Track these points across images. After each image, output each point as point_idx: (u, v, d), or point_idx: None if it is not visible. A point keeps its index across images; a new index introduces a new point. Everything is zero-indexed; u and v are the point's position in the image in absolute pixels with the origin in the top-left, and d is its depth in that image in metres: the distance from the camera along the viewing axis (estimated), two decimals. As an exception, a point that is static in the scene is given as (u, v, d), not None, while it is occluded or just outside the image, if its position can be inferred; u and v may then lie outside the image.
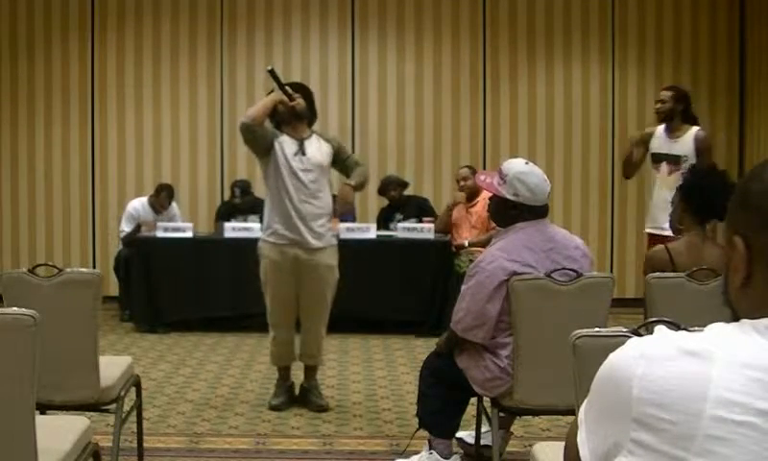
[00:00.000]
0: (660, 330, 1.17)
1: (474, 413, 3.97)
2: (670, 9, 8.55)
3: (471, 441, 4.06)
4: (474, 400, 3.82)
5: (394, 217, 7.72)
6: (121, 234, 7.73)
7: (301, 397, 5.00)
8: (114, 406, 3.52)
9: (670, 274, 3.59)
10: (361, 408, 4.99)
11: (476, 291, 3.48)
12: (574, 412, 1.43)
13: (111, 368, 3.60)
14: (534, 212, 3.56)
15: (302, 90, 5.01)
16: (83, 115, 8.58)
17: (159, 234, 7.32)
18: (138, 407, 3.87)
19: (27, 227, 8.63)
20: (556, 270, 3.44)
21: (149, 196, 7.87)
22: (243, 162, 8.46)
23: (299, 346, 5.02)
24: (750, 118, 8.40)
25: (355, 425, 4.66)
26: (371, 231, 7.23)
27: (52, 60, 8.56)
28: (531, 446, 3.06)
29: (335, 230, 5.43)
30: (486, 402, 3.75)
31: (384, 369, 5.96)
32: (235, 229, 7.23)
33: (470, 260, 5.91)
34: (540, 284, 3.43)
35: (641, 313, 3.82)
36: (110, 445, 3.48)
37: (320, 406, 4.89)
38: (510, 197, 3.54)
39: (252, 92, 8.54)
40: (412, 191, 8.13)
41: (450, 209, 7.58)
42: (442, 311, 6.62)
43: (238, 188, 7.98)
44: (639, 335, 1.36)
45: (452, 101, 8.58)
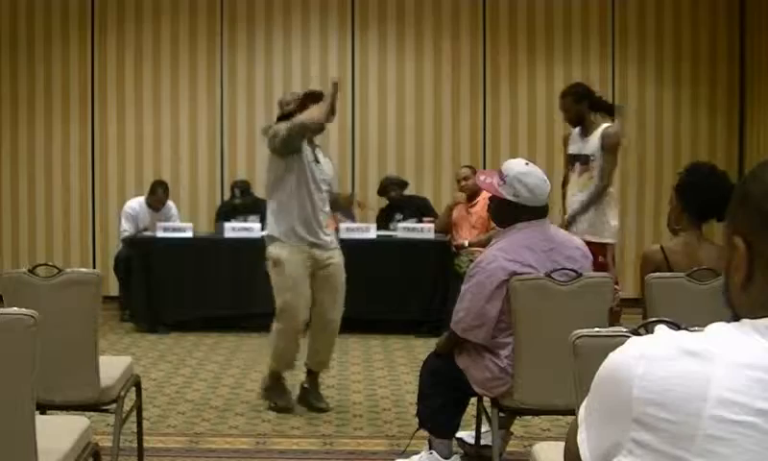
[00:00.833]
0: (661, 330, 1.17)
1: (474, 413, 3.98)
2: (670, 9, 8.55)
3: (471, 441, 4.06)
4: (474, 400, 3.82)
5: (394, 217, 7.72)
6: (123, 234, 7.73)
7: (302, 397, 5.00)
8: (114, 406, 3.52)
9: (669, 273, 3.59)
10: (361, 408, 4.99)
11: (476, 291, 3.48)
12: (574, 412, 1.43)
13: (111, 368, 3.60)
14: (534, 213, 3.56)
15: (317, 97, 5.00)
16: (83, 115, 8.58)
17: (159, 234, 7.32)
18: (138, 407, 3.87)
19: (27, 227, 8.63)
20: (556, 270, 3.45)
21: (146, 196, 7.87)
22: (243, 162, 8.47)
23: (306, 349, 5.00)
24: (750, 118, 8.40)
25: (355, 425, 4.66)
26: (371, 231, 7.24)
27: (52, 60, 8.55)
28: (531, 446, 3.06)
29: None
30: (486, 402, 3.75)
31: (384, 369, 5.96)
32: (235, 229, 7.23)
33: (470, 260, 5.91)
34: (540, 284, 3.43)
35: (641, 313, 3.82)
36: (110, 445, 3.48)
37: (320, 409, 4.89)
38: (510, 197, 3.54)
39: (253, 92, 8.55)
40: (412, 191, 8.13)
41: (450, 209, 7.58)
42: (442, 311, 6.61)
43: (238, 188, 7.98)
44: (639, 335, 1.36)
45: (452, 101, 8.58)
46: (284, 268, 4.81)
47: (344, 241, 7.13)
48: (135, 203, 7.88)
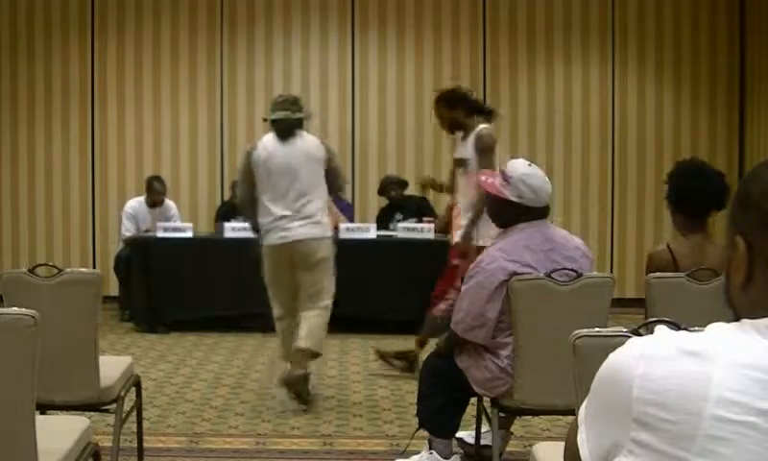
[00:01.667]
0: (661, 330, 1.17)
1: (474, 413, 3.97)
2: (670, 9, 8.55)
3: (471, 441, 4.06)
4: (474, 400, 3.82)
5: (393, 217, 7.72)
6: (126, 234, 7.73)
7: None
8: (114, 406, 3.52)
9: (670, 273, 3.59)
10: (361, 408, 4.99)
11: (476, 291, 3.48)
12: (574, 412, 1.43)
13: (111, 368, 3.60)
14: (535, 213, 3.56)
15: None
16: (83, 115, 8.58)
17: (159, 234, 7.32)
18: (138, 407, 3.87)
19: (27, 227, 8.63)
20: (556, 270, 3.44)
21: (145, 196, 7.88)
22: (243, 162, 8.46)
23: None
24: (750, 118, 8.40)
25: (355, 425, 4.65)
26: (371, 231, 7.24)
27: (52, 60, 8.56)
28: (531, 446, 3.06)
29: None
30: (486, 402, 3.75)
31: (383, 369, 5.96)
32: (235, 229, 7.23)
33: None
34: (540, 284, 3.43)
35: (641, 313, 3.82)
36: (110, 445, 3.47)
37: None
38: (514, 199, 3.54)
39: (252, 92, 8.55)
40: (412, 191, 8.12)
41: (451, 209, 7.57)
42: (442, 311, 6.60)
43: (238, 188, 7.97)
44: (639, 335, 1.36)
45: (452, 101, 8.57)
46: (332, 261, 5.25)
47: (344, 241, 7.17)
48: (135, 202, 7.88)
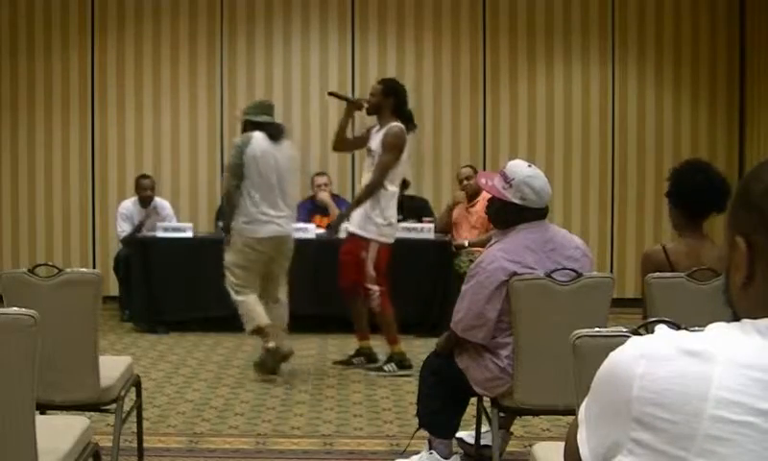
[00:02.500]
0: (661, 330, 1.17)
1: (474, 413, 3.97)
2: (670, 9, 8.55)
3: (471, 441, 4.06)
4: (474, 400, 3.82)
5: (394, 217, 7.71)
6: (122, 235, 7.73)
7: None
8: (114, 406, 3.52)
9: (670, 273, 3.59)
10: (361, 408, 4.99)
11: (476, 291, 3.48)
12: (574, 412, 1.43)
13: (111, 368, 3.60)
14: (535, 214, 3.57)
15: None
16: (83, 115, 8.58)
17: (159, 234, 7.31)
18: (138, 407, 3.87)
19: (27, 227, 8.63)
20: (556, 270, 3.44)
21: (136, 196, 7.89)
22: (243, 162, 8.45)
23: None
24: (750, 118, 8.40)
25: (355, 425, 4.66)
26: (371, 231, 7.22)
27: (52, 60, 8.56)
28: (531, 446, 3.06)
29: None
30: (486, 402, 3.75)
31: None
32: (235, 229, 7.22)
33: (470, 260, 5.91)
34: (540, 284, 3.43)
35: (641, 313, 3.82)
36: (110, 445, 3.48)
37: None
38: (517, 201, 3.53)
39: (253, 92, 8.54)
40: (412, 191, 8.12)
41: (451, 209, 7.58)
42: (442, 311, 6.61)
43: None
44: (639, 335, 1.36)
45: (452, 101, 8.58)
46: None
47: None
48: (129, 202, 7.89)
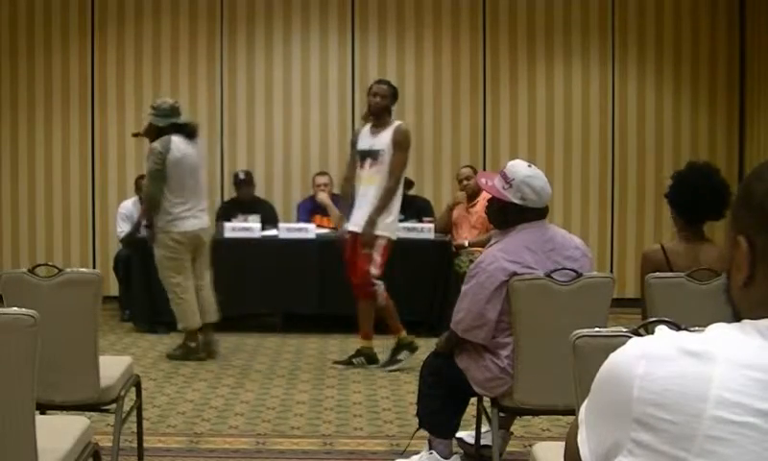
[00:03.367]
0: (661, 330, 1.17)
1: (474, 413, 3.97)
2: (670, 9, 8.55)
3: (471, 441, 4.06)
4: (474, 400, 3.82)
5: (395, 216, 7.70)
6: (121, 235, 7.72)
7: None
8: (114, 406, 3.52)
9: (670, 274, 3.59)
10: (361, 408, 4.99)
11: (476, 292, 3.48)
12: (574, 412, 1.44)
13: (111, 368, 3.60)
14: (536, 214, 3.57)
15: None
16: (83, 115, 8.57)
17: (159, 234, 7.30)
18: (138, 407, 3.87)
19: (27, 227, 8.62)
20: (556, 270, 3.45)
21: (136, 196, 7.87)
22: (243, 162, 8.46)
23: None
24: (750, 118, 8.39)
25: (355, 425, 4.66)
26: (371, 231, 7.22)
27: (52, 60, 8.55)
28: (531, 446, 3.06)
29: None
30: (486, 402, 3.75)
31: (384, 369, 5.96)
32: (235, 229, 7.23)
33: (470, 260, 5.91)
34: (540, 284, 3.43)
35: (641, 313, 3.82)
36: (110, 445, 3.48)
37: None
38: (517, 201, 3.53)
39: (252, 92, 8.55)
40: (412, 191, 8.12)
41: (451, 209, 7.58)
42: (442, 311, 6.61)
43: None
44: (639, 335, 1.36)
45: (452, 101, 8.58)
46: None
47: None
48: (129, 202, 7.88)
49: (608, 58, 8.55)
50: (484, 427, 3.94)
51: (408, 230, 7.18)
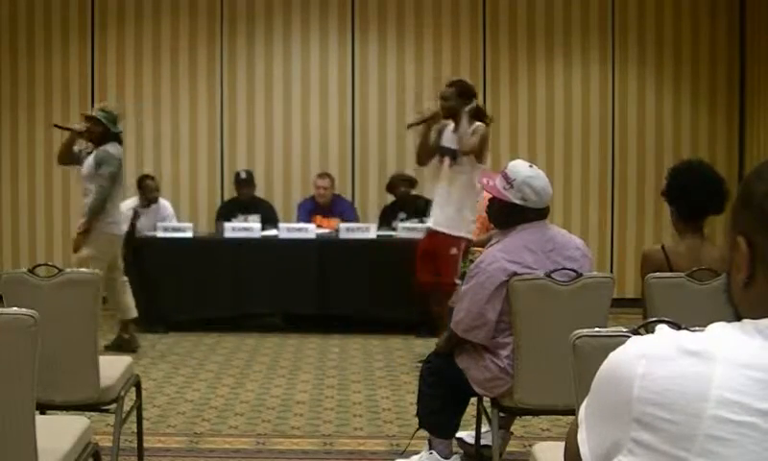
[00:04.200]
0: (661, 330, 1.17)
1: (474, 413, 3.97)
2: (670, 9, 8.55)
3: (471, 441, 4.06)
4: (474, 400, 3.82)
5: (397, 215, 7.71)
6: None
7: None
8: (114, 406, 3.52)
9: (670, 273, 3.59)
10: (361, 408, 4.99)
11: (476, 292, 3.48)
12: (574, 412, 1.43)
13: (111, 368, 3.60)
14: (536, 214, 3.57)
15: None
16: (82, 115, 8.56)
17: (159, 234, 7.31)
18: (138, 407, 3.87)
19: (27, 227, 8.62)
20: (556, 270, 3.44)
21: (138, 196, 7.86)
22: (243, 162, 8.46)
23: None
24: (750, 118, 8.39)
25: (355, 425, 4.66)
26: (371, 231, 7.23)
27: (52, 60, 8.55)
28: (531, 446, 3.06)
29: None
30: (486, 402, 3.75)
31: (384, 369, 5.96)
32: (235, 229, 7.23)
33: (471, 260, 5.91)
34: (540, 284, 3.43)
35: (641, 313, 3.82)
36: (110, 445, 3.48)
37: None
38: (518, 201, 3.53)
39: (252, 92, 8.55)
40: (419, 191, 8.10)
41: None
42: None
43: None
44: (639, 335, 1.36)
45: (452, 101, 8.56)
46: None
47: (344, 240, 7.18)
48: (130, 202, 7.87)
49: (608, 58, 8.55)
50: (484, 427, 3.94)
51: (408, 229, 7.19)
